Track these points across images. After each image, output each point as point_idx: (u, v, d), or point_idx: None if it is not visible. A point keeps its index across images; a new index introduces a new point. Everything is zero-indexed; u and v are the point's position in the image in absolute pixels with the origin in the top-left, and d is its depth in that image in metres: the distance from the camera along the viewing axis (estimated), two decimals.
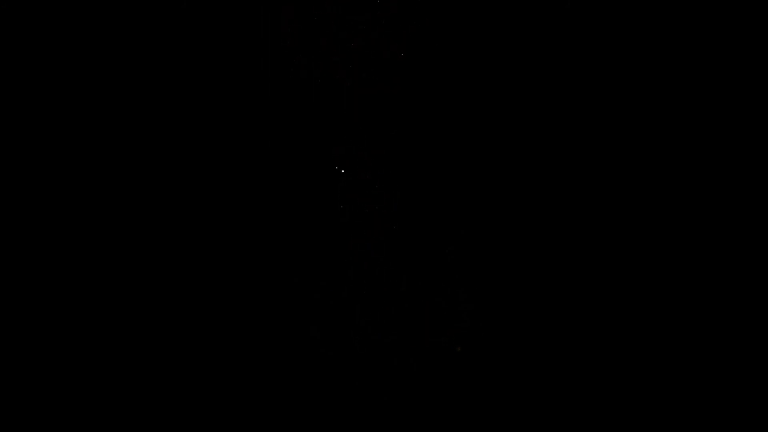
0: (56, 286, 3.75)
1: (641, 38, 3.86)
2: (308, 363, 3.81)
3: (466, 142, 3.96)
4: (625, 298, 3.76)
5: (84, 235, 3.80)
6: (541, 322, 3.80)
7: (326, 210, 3.92)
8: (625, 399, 3.69)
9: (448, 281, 3.89)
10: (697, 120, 3.81)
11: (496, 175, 3.89)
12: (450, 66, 3.97)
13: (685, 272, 3.75)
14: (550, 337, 3.79)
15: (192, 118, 3.94)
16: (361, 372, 3.74)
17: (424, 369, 3.77)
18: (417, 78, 3.96)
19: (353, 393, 3.78)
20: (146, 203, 3.87)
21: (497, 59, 3.94)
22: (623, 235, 3.79)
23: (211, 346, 3.79)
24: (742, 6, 3.78)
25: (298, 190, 3.94)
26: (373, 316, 3.88)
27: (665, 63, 3.86)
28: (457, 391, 3.79)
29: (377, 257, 3.90)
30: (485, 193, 3.87)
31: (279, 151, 3.96)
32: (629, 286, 3.76)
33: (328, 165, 3.95)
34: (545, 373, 3.81)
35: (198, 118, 3.93)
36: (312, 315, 3.83)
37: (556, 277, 3.82)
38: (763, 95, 3.75)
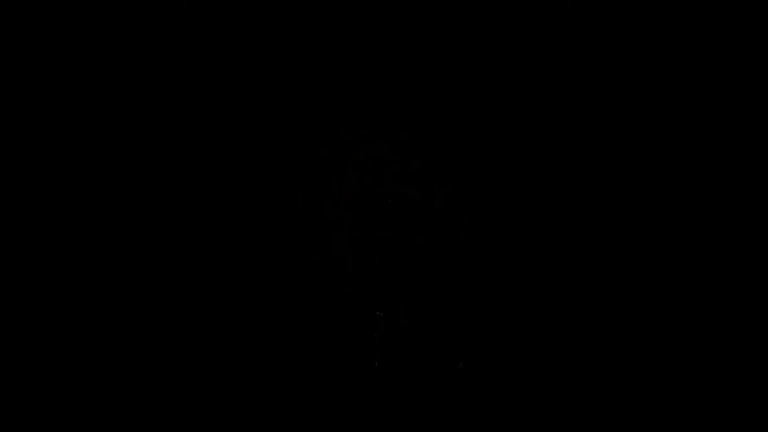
0: (65, 286, 3.77)
1: (641, 39, 3.85)
2: (308, 363, 3.83)
3: (466, 143, 3.96)
4: (625, 300, 3.78)
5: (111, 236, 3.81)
6: (540, 325, 3.82)
7: (327, 211, 3.94)
8: (630, 404, 3.71)
9: (448, 282, 3.91)
10: (696, 122, 3.81)
11: (496, 177, 3.89)
12: (449, 66, 3.96)
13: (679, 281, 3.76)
14: (548, 340, 3.81)
15: (192, 117, 3.94)
16: (362, 373, 3.77)
17: (424, 369, 3.78)
18: (417, 78, 3.96)
19: (353, 393, 3.81)
20: (146, 203, 3.88)
21: (497, 60, 3.93)
22: (622, 242, 3.80)
23: (212, 346, 3.81)
24: (741, 7, 3.77)
25: (298, 191, 3.95)
26: (372, 317, 3.90)
27: (665, 64, 3.85)
28: (456, 389, 3.82)
29: (377, 259, 3.92)
30: (487, 198, 3.88)
31: (279, 151, 3.96)
32: (629, 290, 3.78)
33: (328, 165, 3.96)
34: (543, 373, 3.83)
35: (197, 118, 3.93)
36: (313, 315, 3.86)
37: (556, 282, 3.84)
38: (761, 97, 3.75)
